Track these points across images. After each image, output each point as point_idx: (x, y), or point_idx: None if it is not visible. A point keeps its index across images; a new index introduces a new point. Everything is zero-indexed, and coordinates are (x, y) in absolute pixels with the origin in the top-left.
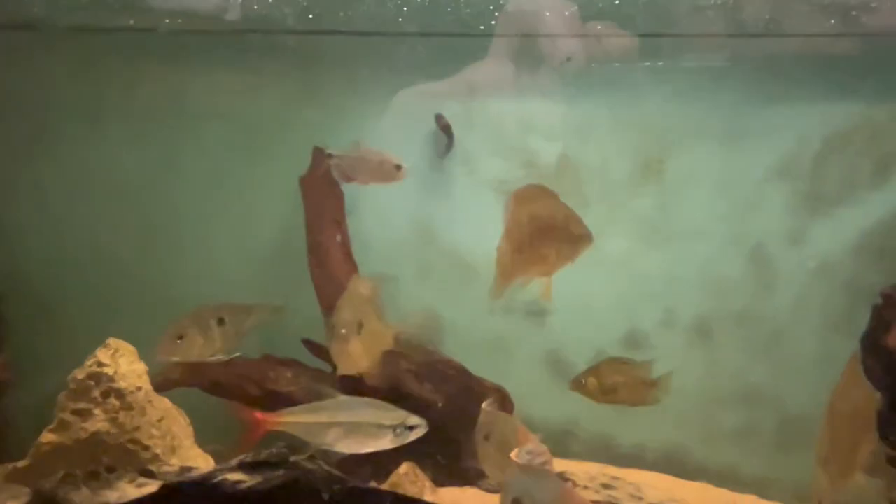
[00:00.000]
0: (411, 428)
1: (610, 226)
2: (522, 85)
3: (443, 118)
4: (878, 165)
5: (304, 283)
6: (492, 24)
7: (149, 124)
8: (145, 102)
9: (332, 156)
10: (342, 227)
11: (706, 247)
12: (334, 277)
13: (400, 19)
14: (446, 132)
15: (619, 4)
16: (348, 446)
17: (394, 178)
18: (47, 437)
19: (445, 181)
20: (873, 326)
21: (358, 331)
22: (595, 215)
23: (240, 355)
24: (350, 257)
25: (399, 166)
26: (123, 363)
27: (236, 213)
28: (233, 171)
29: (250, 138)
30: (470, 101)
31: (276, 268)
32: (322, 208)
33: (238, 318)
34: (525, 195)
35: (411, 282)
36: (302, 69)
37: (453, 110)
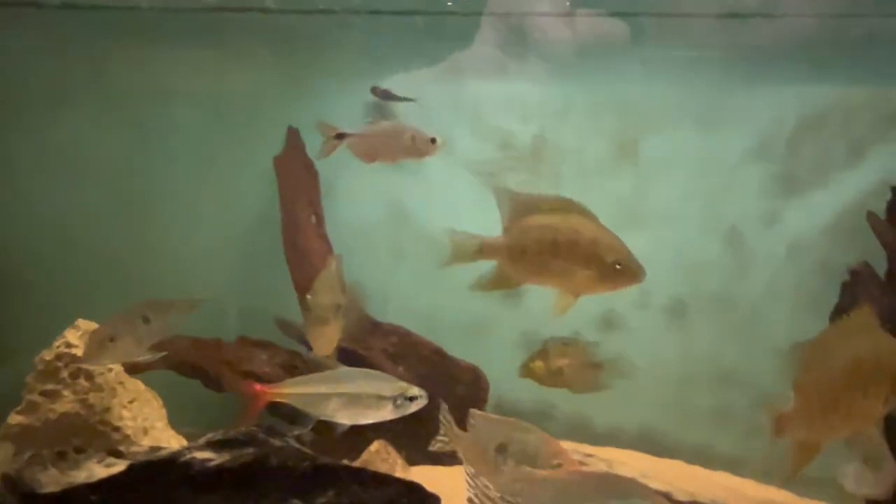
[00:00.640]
0: (412, 399)
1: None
2: (500, 66)
3: (378, 89)
4: (852, 147)
5: (279, 264)
6: (467, 3)
7: (122, 102)
8: (119, 81)
9: (345, 135)
10: (317, 208)
11: (681, 228)
12: (308, 258)
13: None
14: (387, 98)
15: None
16: (348, 417)
17: (428, 152)
18: (15, 418)
19: (421, 162)
20: (842, 302)
21: (335, 312)
22: (571, 196)
23: (165, 354)
24: (325, 238)
25: (434, 140)
26: None
27: (210, 193)
28: (207, 151)
29: (225, 118)
30: (446, 83)
31: (250, 248)
32: (297, 188)
33: (161, 315)
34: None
35: (386, 263)
36: (278, 48)
37: (430, 92)
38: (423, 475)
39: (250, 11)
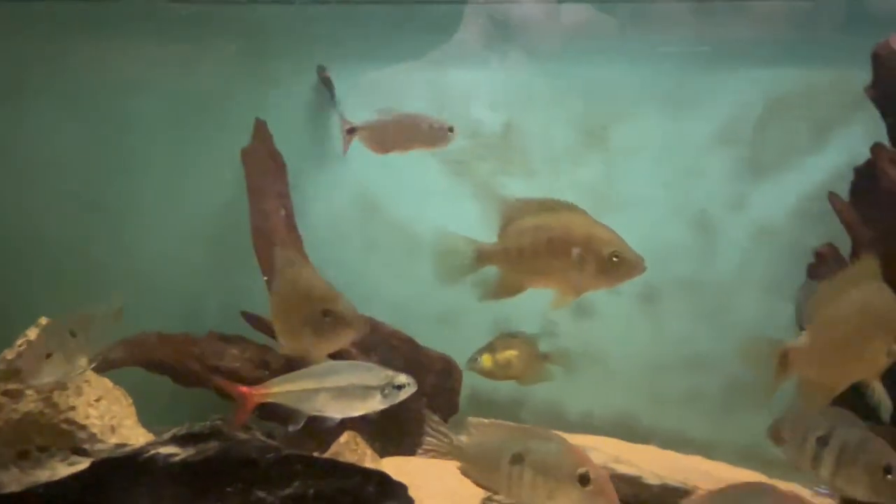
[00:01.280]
0: (399, 387)
1: (555, 194)
2: (467, 55)
3: (324, 70)
4: (817, 130)
5: (249, 258)
6: None
7: (87, 97)
8: (83, 74)
9: (356, 129)
10: (285, 200)
11: (650, 214)
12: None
13: None
14: (327, 85)
15: None
16: (338, 410)
17: (445, 141)
18: None
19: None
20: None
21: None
22: (540, 184)
23: (94, 365)
24: (294, 230)
25: (451, 128)
26: None
27: (176, 187)
28: (173, 145)
29: (191, 111)
30: (413, 72)
31: (219, 242)
32: (265, 181)
33: (85, 328)
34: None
35: (357, 255)
36: (243, 40)
37: (396, 81)
38: (394, 465)
39: (218, 3)
